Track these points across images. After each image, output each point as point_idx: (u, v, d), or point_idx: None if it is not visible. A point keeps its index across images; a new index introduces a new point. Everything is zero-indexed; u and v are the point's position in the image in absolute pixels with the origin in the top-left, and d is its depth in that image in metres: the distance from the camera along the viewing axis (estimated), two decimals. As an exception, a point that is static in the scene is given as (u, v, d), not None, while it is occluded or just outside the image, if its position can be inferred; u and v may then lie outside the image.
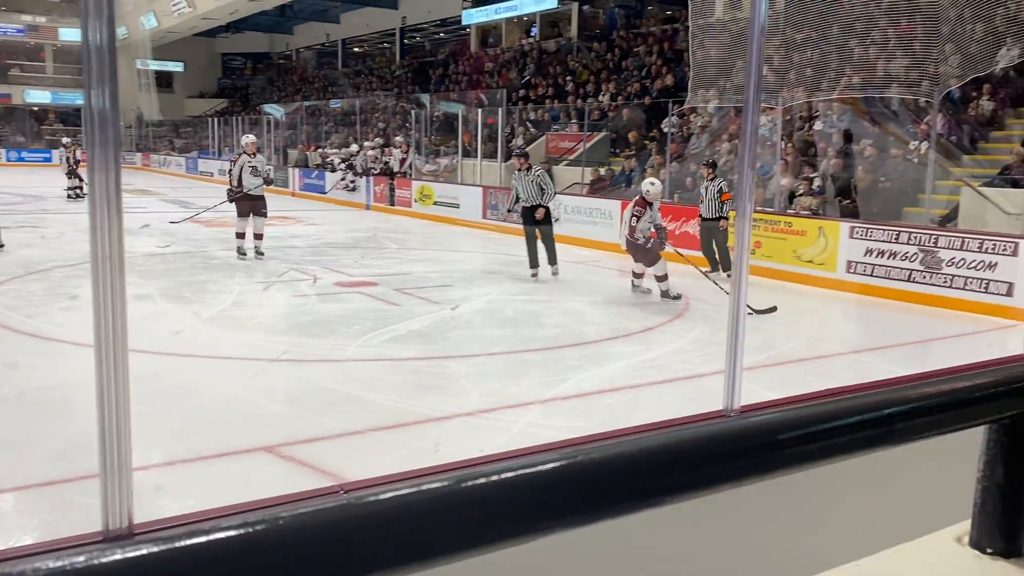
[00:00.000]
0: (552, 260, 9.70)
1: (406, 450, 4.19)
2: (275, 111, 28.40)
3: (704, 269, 9.18)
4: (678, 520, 0.97)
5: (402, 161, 19.06)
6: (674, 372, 5.83)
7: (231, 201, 10.91)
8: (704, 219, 10.23)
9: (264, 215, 10.88)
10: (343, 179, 20.15)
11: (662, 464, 0.96)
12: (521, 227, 9.89)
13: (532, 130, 19.00)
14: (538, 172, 9.80)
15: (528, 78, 21.95)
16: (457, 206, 16.55)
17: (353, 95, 29.29)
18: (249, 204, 10.71)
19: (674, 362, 6.14)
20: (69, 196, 19.45)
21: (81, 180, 19.95)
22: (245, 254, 10.65)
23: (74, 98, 39.75)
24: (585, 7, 23.33)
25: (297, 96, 33.44)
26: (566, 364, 6.06)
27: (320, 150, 24.52)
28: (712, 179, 10.10)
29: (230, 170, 11.07)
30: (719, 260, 9.92)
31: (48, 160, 35.41)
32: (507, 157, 17.88)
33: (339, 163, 20.78)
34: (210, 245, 11.89)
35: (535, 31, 25.06)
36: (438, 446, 4.29)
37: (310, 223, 15.51)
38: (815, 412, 1.08)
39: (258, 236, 10.80)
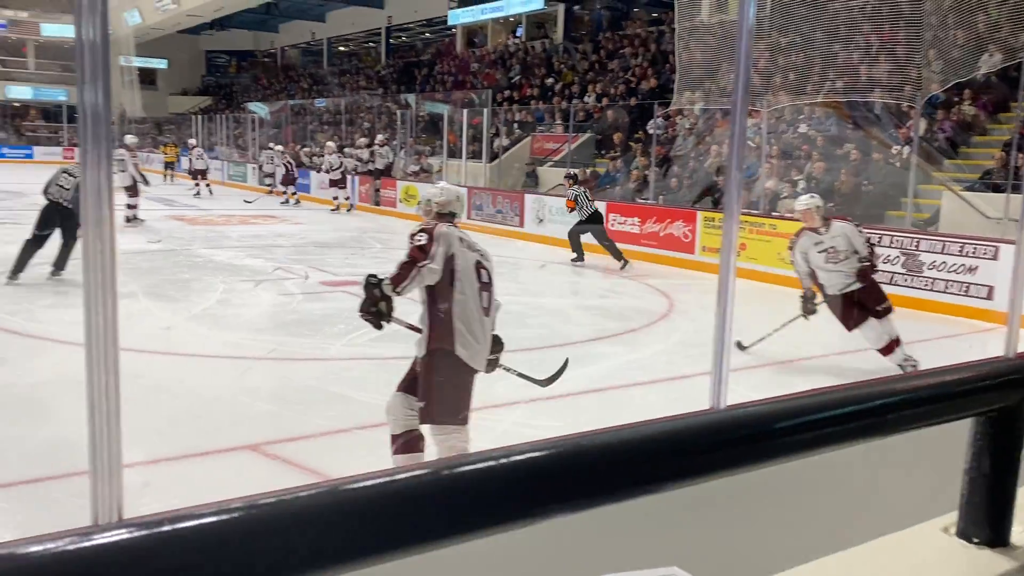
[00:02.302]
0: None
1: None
2: (259, 109, 28.27)
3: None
4: (665, 509, 0.98)
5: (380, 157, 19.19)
6: (659, 373, 5.86)
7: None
8: (583, 222, 11.16)
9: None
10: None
11: (651, 452, 0.98)
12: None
13: (517, 131, 19.02)
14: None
15: (513, 79, 21.97)
16: (442, 206, 16.51)
17: (339, 94, 29.21)
18: None
19: (659, 363, 6.17)
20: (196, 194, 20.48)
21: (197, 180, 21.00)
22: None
23: (56, 94, 39.36)
24: (573, 8, 23.38)
25: (282, 95, 33.30)
26: (551, 364, 6.07)
27: (305, 149, 24.39)
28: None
29: None
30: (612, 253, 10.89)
31: (30, 156, 35.08)
32: (492, 158, 17.89)
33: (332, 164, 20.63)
34: (194, 243, 11.83)
35: (521, 32, 25.08)
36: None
37: (295, 222, 15.45)
38: (807, 403, 1.10)
39: None
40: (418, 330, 3.47)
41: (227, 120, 30.06)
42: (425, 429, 3.43)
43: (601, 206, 11.89)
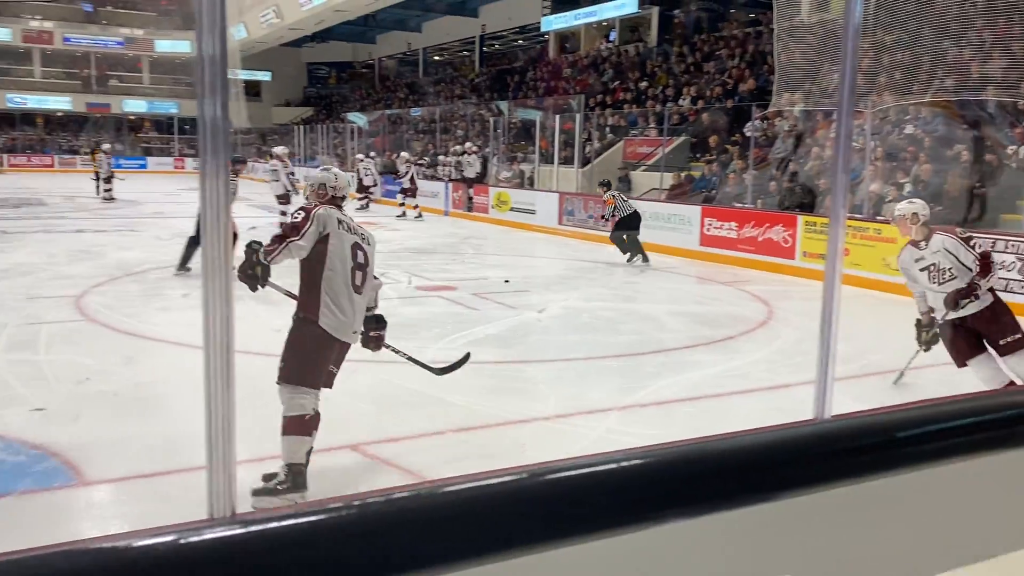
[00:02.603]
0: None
1: (488, 451, 4.23)
2: (358, 119, 29.03)
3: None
4: (774, 519, 0.96)
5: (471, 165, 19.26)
6: (758, 381, 5.72)
7: None
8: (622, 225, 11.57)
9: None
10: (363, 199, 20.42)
11: (755, 462, 0.96)
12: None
13: (610, 135, 18.92)
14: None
15: (607, 83, 21.88)
16: (533, 212, 16.61)
17: (434, 103, 29.72)
18: None
19: (758, 371, 6.02)
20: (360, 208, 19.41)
21: (367, 195, 20.14)
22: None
23: (168, 107, 41.48)
24: (668, 11, 23.10)
25: (380, 104, 34.10)
26: (644, 371, 6.02)
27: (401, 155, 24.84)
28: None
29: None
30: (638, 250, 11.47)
31: (143, 166, 37.06)
32: (584, 163, 17.85)
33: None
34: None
35: (614, 36, 24.96)
36: (524, 447, 4.32)
37: (392, 228, 15.78)
38: (933, 412, 1.06)
39: None
40: (295, 297, 3.83)
41: (327, 130, 30.97)
42: (282, 395, 3.68)
43: (656, 207, 12.09)
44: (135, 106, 41.27)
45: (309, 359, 3.68)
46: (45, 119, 40.69)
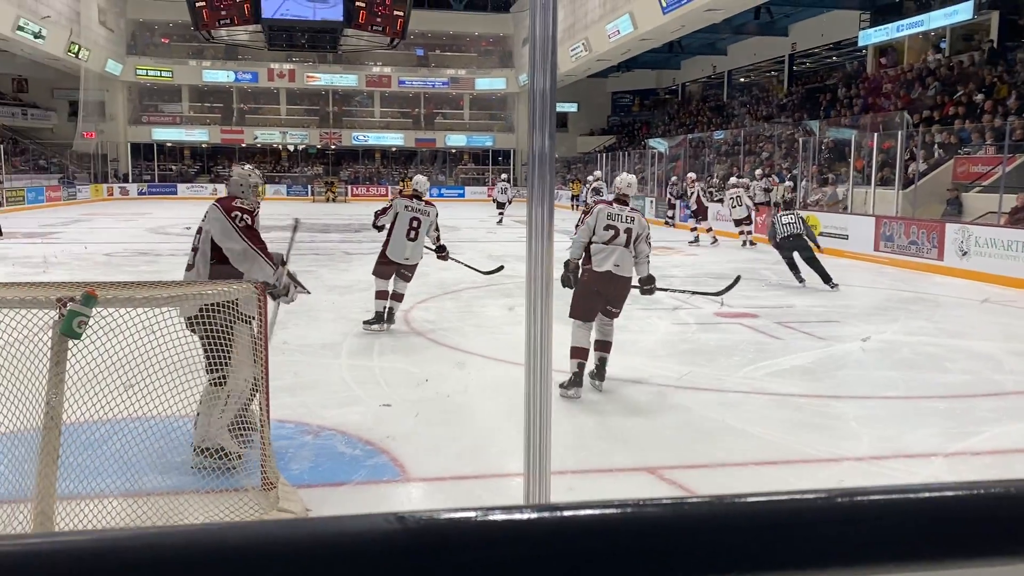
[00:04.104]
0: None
1: (792, 487, 4.02)
2: (659, 145, 29.24)
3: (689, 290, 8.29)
4: None
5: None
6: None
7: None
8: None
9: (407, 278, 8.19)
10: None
11: None
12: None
13: (937, 154, 17.20)
14: None
15: (934, 97, 19.94)
16: (846, 237, 15.57)
17: (739, 125, 29.09)
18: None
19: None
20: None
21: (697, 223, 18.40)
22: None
23: (484, 140, 44.89)
24: (1012, 15, 20.55)
25: (682, 129, 34.07)
26: (977, 416, 5.37)
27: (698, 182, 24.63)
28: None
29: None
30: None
31: (461, 195, 40.48)
32: (906, 184, 16.40)
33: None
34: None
35: (944, 45, 22.71)
36: (841, 482, 4.07)
37: (689, 253, 15.65)
38: None
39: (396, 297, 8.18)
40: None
41: (629, 156, 31.55)
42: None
43: (993, 232, 10.27)
44: (455, 140, 45.14)
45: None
46: (381, 154, 45.90)
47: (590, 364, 5.83)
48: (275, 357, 3.92)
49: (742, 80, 36.40)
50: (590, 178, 18.66)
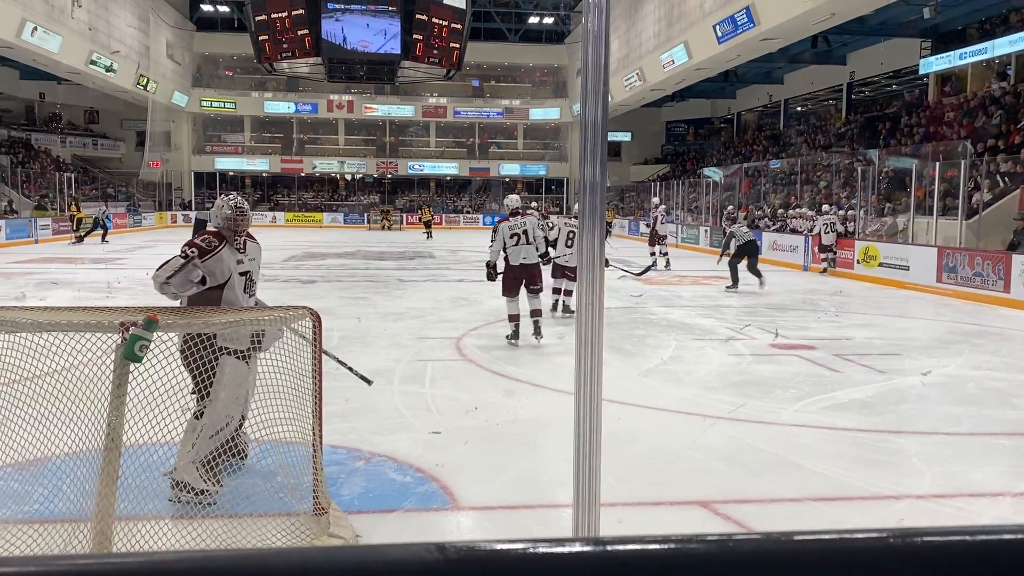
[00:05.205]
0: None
1: (851, 524, 3.91)
2: (714, 174, 29.03)
3: None
4: None
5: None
6: None
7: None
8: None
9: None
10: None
11: None
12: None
13: (1003, 183, 16.73)
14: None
15: (999, 126, 19.44)
16: (907, 268, 15.20)
17: (795, 154, 28.74)
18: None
19: None
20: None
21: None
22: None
23: (537, 169, 45.17)
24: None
25: (737, 158, 33.79)
26: (1046, 454, 5.15)
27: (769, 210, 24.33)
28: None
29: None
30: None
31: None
32: (970, 215, 15.98)
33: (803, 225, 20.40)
34: (649, 302, 12.48)
35: (1010, 72, 22.18)
36: (902, 521, 3.94)
37: (744, 284, 15.43)
38: None
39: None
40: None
41: (682, 185, 31.38)
42: None
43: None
44: (509, 169, 45.47)
45: None
46: (436, 182, 46.45)
47: (530, 328, 8.59)
48: (328, 383, 3.96)
49: (799, 109, 36.02)
50: (651, 207, 19.97)
